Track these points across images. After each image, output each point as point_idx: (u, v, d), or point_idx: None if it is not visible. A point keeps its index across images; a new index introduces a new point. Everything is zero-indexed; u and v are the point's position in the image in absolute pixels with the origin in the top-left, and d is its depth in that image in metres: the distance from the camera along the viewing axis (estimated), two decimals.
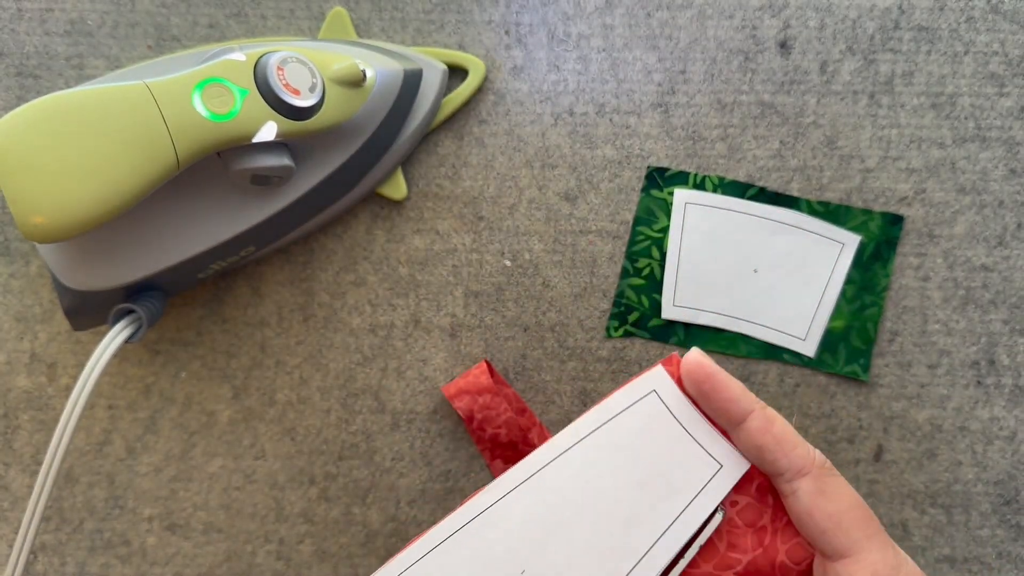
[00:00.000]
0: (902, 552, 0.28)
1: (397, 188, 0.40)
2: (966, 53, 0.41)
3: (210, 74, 0.32)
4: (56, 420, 0.40)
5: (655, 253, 0.41)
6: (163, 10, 0.41)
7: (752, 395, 0.29)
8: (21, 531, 0.36)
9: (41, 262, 0.41)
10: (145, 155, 0.31)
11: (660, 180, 0.41)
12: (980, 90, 0.41)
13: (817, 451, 0.29)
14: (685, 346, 0.41)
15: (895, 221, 0.41)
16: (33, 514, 0.36)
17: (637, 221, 0.41)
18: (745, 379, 0.41)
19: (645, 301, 0.40)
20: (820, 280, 0.40)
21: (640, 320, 0.40)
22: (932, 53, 0.41)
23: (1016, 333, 0.41)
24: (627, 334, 0.41)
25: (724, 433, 0.30)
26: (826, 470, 0.28)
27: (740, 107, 0.41)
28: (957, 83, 0.41)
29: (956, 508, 0.41)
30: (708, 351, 0.40)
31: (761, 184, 0.41)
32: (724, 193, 0.41)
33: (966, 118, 0.41)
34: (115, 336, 0.35)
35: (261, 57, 0.33)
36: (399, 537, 0.40)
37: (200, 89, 0.32)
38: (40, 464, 0.40)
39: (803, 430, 0.41)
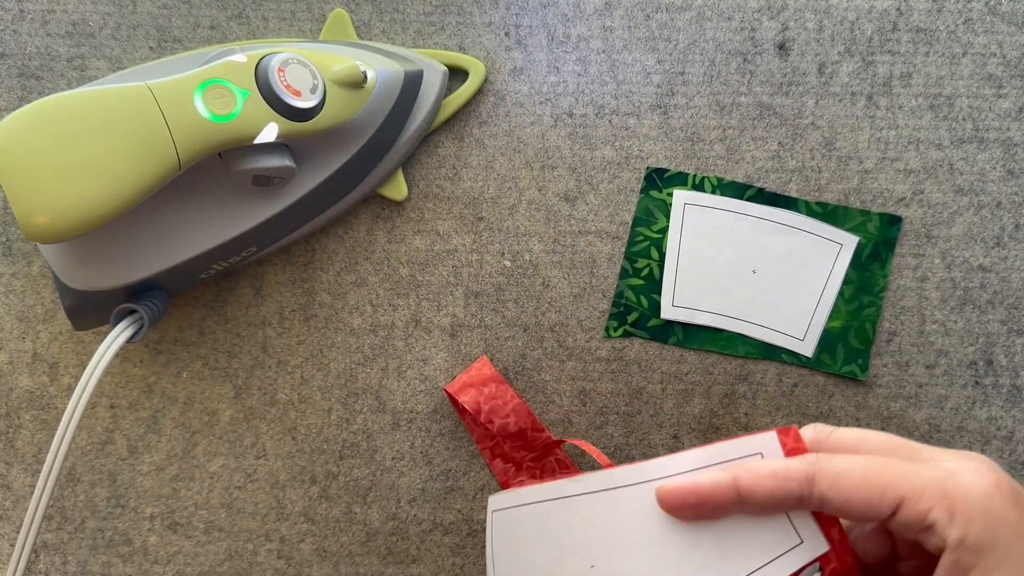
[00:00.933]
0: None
1: (398, 189, 0.41)
2: (964, 55, 0.41)
3: (212, 75, 0.32)
4: (58, 419, 0.40)
5: (654, 254, 0.41)
6: (165, 12, 0.41)
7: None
8: (23, 530, 0.36)
9: (43, 262, 0.41)
10: (147, 156, 0.31)
11: (659, 181, 0.41)
12: (978, 91, 0.41)
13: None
14: (684, 346, 0.41)
15: (893, 222, 0.41)
16: (35, 513, 0.36)
17: (636, 222, 0.41)
18: (743, 379, 0.41)
19: (644, 301, 0.41)
20: (818, 280, 0.40)
21: (639, 320, 0.41)
22: (930, 55, 0.41)
23: (1014, 333, 0.41)
24: (626, 334, 0.41)
25: (817, 517, 0.27)
26: (826, 458, 0.25)
27: (739, 108, 0.41)
28: (955, 84, 0.41)
29: None
30: (706, 351, 0.41)
31: (760, 185, 0.41)
32: (723, 194, 0.41)
33: (964, 119, 0.41)
34: (117, 336, 0.35)
35: (262, 58, 0.33)
36: (399, 536, 0.41)
37: (202, 90, 0.32)
38: (42, 463, 0.40)
39: None
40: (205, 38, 0.41)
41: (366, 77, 0.36)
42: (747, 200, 0.41)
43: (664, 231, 0.41)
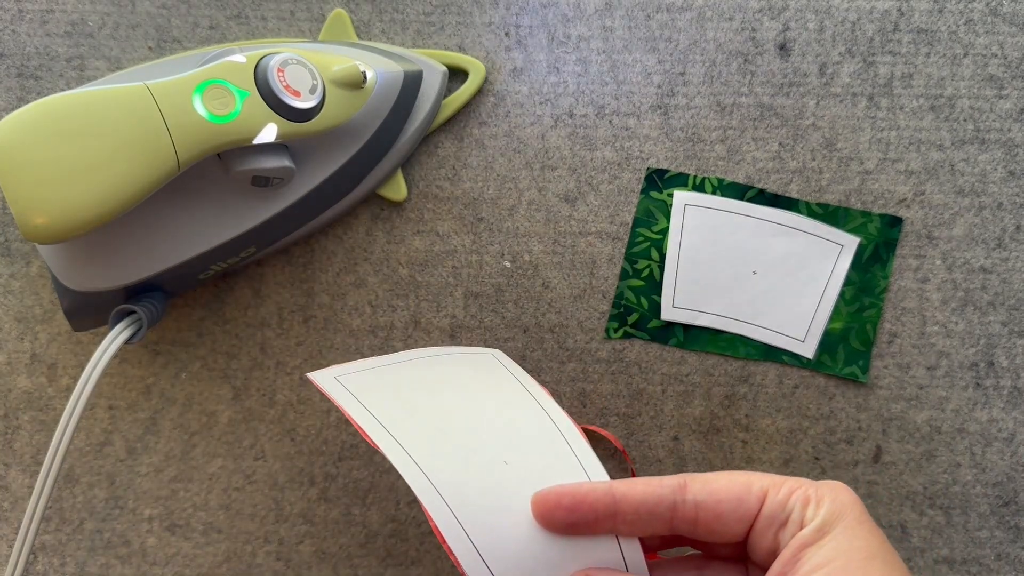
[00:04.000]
0: None
1: (397, 189, 0.41)
2: (965, 55, 0.41)
3: (211, 76, 0.32)
4: (56, 420, 0.40)
5: (654, 255, 0.41)
6: (164, 12, 0.41)
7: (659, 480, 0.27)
8: (21, 531, 0.36)
9: (41, 263, 0.41)
10: (146, 156, 0.31)
11: (659, 182, 0.41)
12: (979, 92, 0.41)
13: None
14: (684, 348, 0.41)
15: (894, 223, 0.40)
16: (33, 514, 0.36)
17: (636, 223, 0.41)
18: (744, 380, 0.41)
19: (644, 302, 0.40)
20: (819, 282, 0.40)
21: (639, 321, 0.41)
22: (931, 55, 0.41)
23: (1015, 335, 0.41)
24: (626, 335, 0.41)
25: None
26: (691, 473, 0.27)
27: (739, 109, 0.41)
28: (956, 85, 0.41)
29: (955, 510, 0.41)
30: (707, 352, 0.40)
31: (760, 186, 0.41)
32: (723, 195, 0.41)
33: (965, 120, 0.41)
34: (115, 337, 0.35)
35: (262, 59, 0.33)
36: (399, 537, 0.41)
37: (201, 91, 0.32)
38: (40, 464, 0.40)
39: (802, 431, 0.41)
40: (204, 38, 0.41)
41: (365, 77, 0.36)
42: (748, 201, 0.41)
43: (664, 232, 0.41)
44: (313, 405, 0.41)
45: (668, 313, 0.41)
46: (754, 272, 0.40)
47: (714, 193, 0.41)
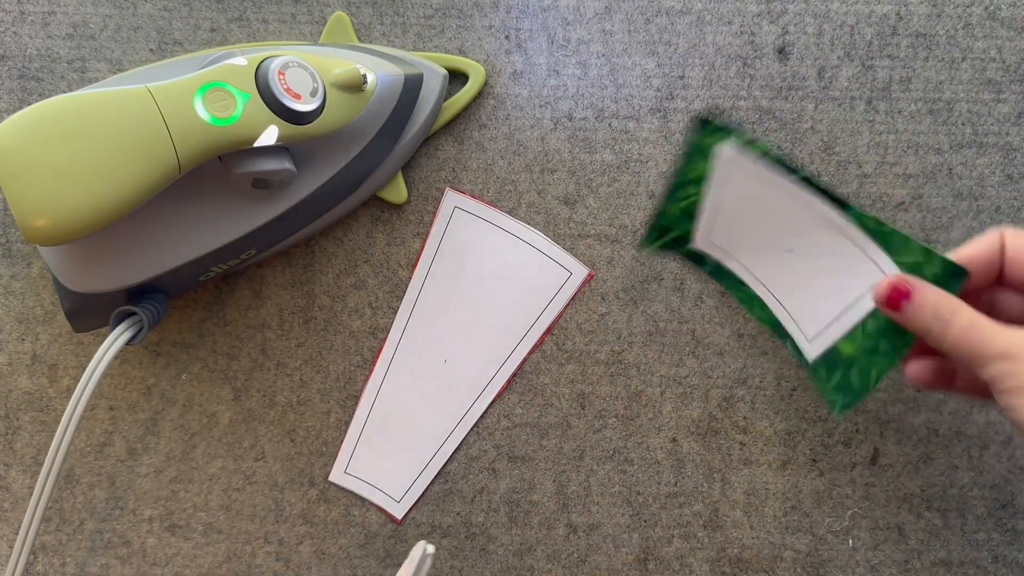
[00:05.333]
0: None
1: (397, 192, 0.41)
2: (963, 59, 0.41)
3: (212, 78, 0.32)
4: (57, 421, 0.40)
5: (693, 191, 0.39)
6: (165, 14, 0.41)
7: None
8: (22, 531, 0.36)
9: (43, 264, 0.41)
10: (147, 159, 0.31)
11: (703, 129, 0.37)
12: (977, 96, 0.41)
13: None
14: (715, 279, 0.41)
15: (956, 274, 0.32)
16: (34, 514, 0.36)
17: (687, 157, 0.38)
18: (742, 383, 0.41)
19: (686, 225, 0.40)
20: (848, 296, 0.36)
21: (678, 240, 0.40)
22: (930, 59, 0.41)
23: None
24: (665, 247, 0.41)
25: None
26: None
27: (738, 112, 0.41)
28: (954, 89, 0.41)
29: (952, 512, 0.41)
30: (728, 296, 0.41)
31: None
32: (771, 165, 0.36)
33: (963, 124, 0.41)
34: (116, 338, 0.35)
35: (263, 61, 0.33)
36: (398, 539, 0.41)
37: (202, 93, 0.32)
38: (41, 465, 0.40)
39: (799, 433, 0.41)
40: (205, 41, 0.41)
41: (366, 80, 0.36)
42: (797, 181, 0.36)
43: (703, 177, 0.38)
44: (313, 406, 0.41)
45: (702, 243, 0.40)
46: (789, 250, 0.39)
47: (763, 158, 0.37)
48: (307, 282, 0.41)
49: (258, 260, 0.40)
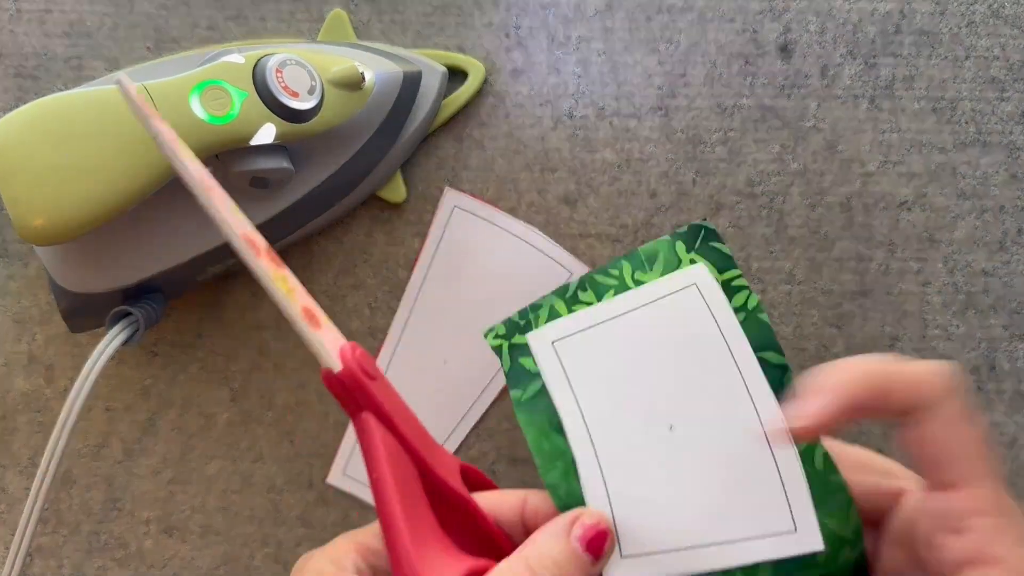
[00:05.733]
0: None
1: (396, 191, 0.40)
2: (967, 57, 0.41)
3: (208, 76, 0.32)
4: (54, 422, 0.40)
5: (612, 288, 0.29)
6: (162, 12, 0.41)
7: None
8: (18, 533, 0.36)
9: (39, 264, 0.40)
10: (143, 157, 0.31)
11: (695, 239, 0.29)
12: (981, 95, 0.41)
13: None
14: (517, 409, 0.29)
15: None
16: (30, 516, 0.35)
17: (645, 255, 0.29)
18: None
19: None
20: (732, 525, 0.25)
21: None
22: (933, 57, 0.41)
23: (1016, 339, 0.41)
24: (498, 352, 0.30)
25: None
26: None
27: (740, 111, 0.41)
28: (958, 87, 0.41)
29: None
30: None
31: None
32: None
33: (967, 123, 0.41)
34: (113, 339, 0.35)
35: (260, 59, 0.33)
36: None
37: (198, 91, 0.32)
38: (37, 466, 0.40)
39: None
40: (203, 38, 0.41)
41: (364, 78, 0.35)
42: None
43: (633, 285, 0.28)
44: (311, 408, 0.41)
45: (540, 339, 0.29)
46: (670, 427, 0.26)
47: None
48: (305, 282, 0.40)
49: None
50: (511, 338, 0.29)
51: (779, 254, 0.41)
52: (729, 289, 0.27)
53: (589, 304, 0.28)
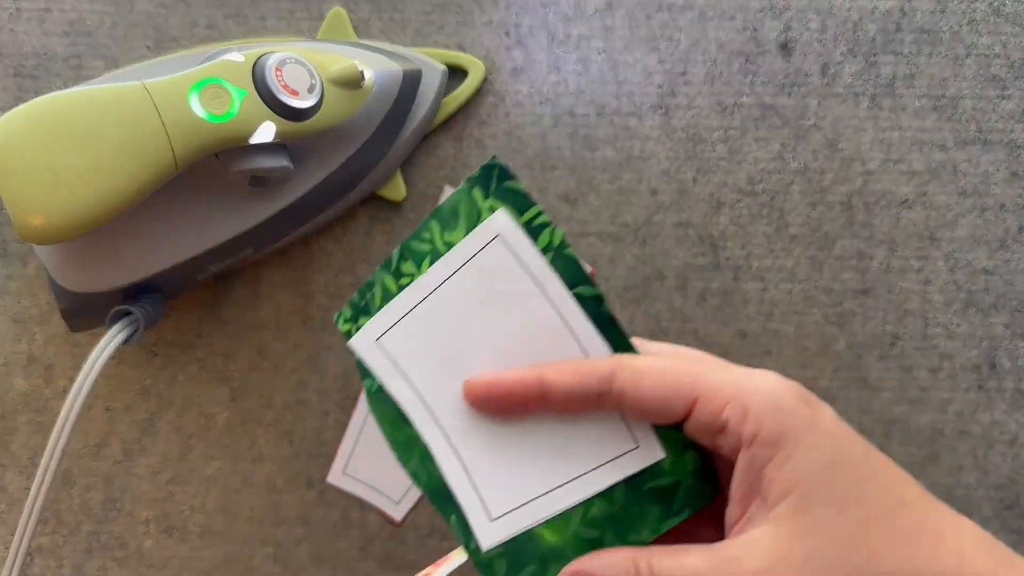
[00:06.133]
0: None
1: (396, 190, 0.40)
2: (968, 56, 0.41)
3: (208, 75, 0.32)
4: (53, 422, 0.40)
5: (424, 266, 0.28)
6: (162, 11, 0.41)
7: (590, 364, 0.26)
8: (18, 533, 0.36)
9: (38, 263, 0.40)
10: (143, 156, 0.31)
11: (490, 184, 0.28)
12: (982, 93, 0.41)
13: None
14: (371, 404, 0.29)
15: (703, 496, 0.26)
16: (30, 516, 0.35)
17: (440, 216, 0.28)
18: None
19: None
20: (572, 464, 0.27)
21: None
22: (934, 55, 0.41)
23: (1018, 337, 0.41)
24: (349, 335, 0.29)
25: None
26: (627, 358, 0.26)
27: (741, 109, 0.41)
28: (959, 86, 0.41)
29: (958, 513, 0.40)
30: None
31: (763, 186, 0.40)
32: (551, 262, 0.27)
33: (968, 121, 0.41)
34: (112, 338, 0.35)
35: (259, 58, 0.33)
36: (397, 541, 0.40)
37: (198, 90, 0.32)
38: (37, 466, 0.40)
39: None
40: (202, 37, 0.41)
41: (364, 77, 0.35)
42: (576, 303, 0.27)
43: (441, 249, 0.28)
44: (311, 407, 0.41)
45: (365, 341, 0.28)
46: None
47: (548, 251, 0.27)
48: (305, 281, 0.41)
49: (255, 259, 0.40)
50: (357, 321, 0.29)
51: (780, 252, 0.41)
52: (532, 230, 0.27)
53: (412, 276, 0.28)
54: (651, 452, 0.26)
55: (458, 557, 0.28)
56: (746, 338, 0.41)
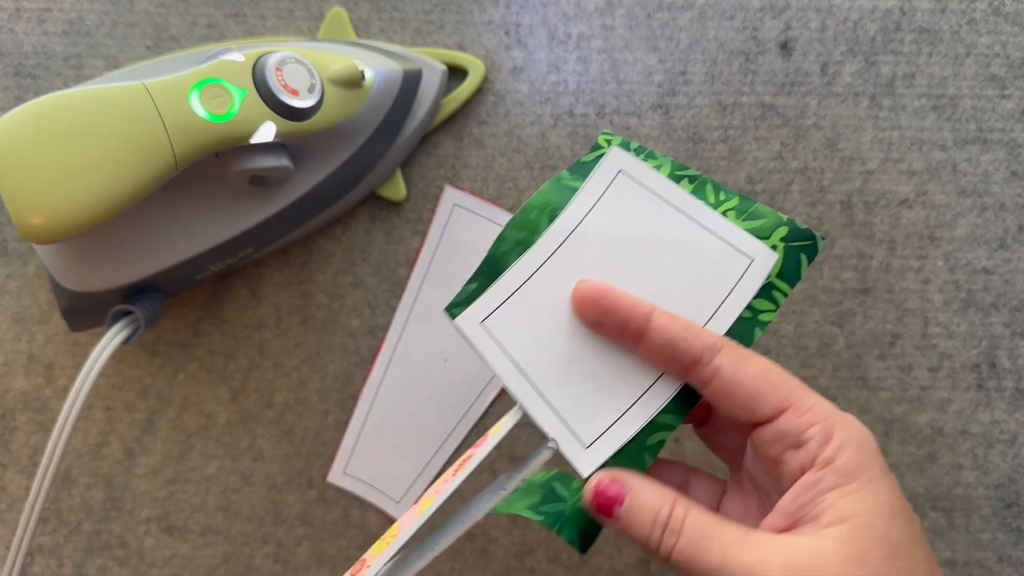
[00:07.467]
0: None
1: (396, 189, 0.40)
2: (967, 55, 0.41)
3: (208, 74, 0.32)
4: (53, 421, 0.40)
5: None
6: (162, 10, 0.41)
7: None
8: (18, 532, 0.36)
9: (39, 263, 0.40)
10: (143, 156, 0.31)
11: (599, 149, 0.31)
12: (981, 92, 0.41)
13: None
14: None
15: (805, 237, 0.29)
16: (30, 515, 0.35)
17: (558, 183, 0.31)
18: None
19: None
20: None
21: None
22: (933, 55, 0.41)
23: (1017, 336, 0.41)
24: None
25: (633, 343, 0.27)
26: (736, 344, 0.26)
27: (741, 109, 0.41)
28: (959, 85, 0.41)
29: (957, 512, 0.41)
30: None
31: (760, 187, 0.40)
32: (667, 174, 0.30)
33: (967, 120, 0.41)
34: (112, 337, 0.35)
35: (260, 57, 0.33)
36: None
37: (198, 89, 0.32)
38: (37, 465, 0.40)
39: None
40: (202, 37, 0.41)
41: (364, 76, 0.35)
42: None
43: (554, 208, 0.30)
44: (311, 406, 0.41)
45: (470, 320, 0.30)
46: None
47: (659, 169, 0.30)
48: (305, 281, 0.41)
49: (255, 258, 0.40)
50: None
51: None
52: (643, 155, 0.30)
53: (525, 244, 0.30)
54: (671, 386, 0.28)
55: (494, 436, 0.29)
56: None
